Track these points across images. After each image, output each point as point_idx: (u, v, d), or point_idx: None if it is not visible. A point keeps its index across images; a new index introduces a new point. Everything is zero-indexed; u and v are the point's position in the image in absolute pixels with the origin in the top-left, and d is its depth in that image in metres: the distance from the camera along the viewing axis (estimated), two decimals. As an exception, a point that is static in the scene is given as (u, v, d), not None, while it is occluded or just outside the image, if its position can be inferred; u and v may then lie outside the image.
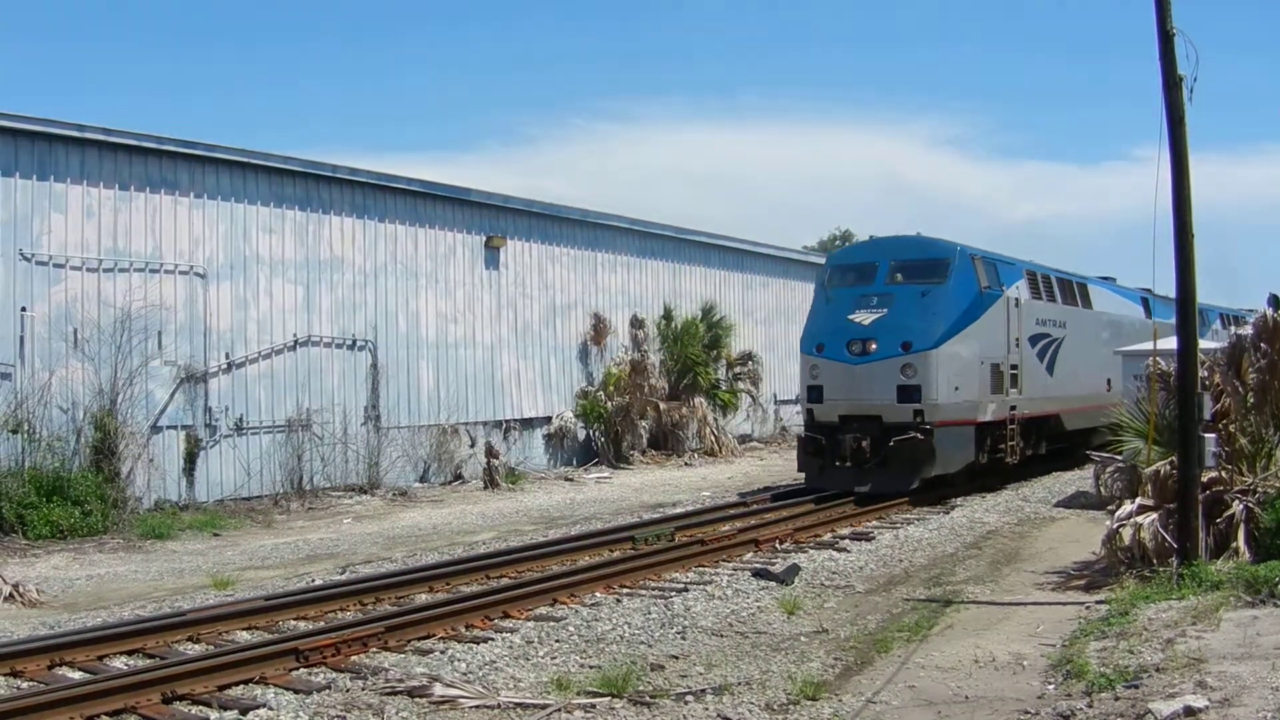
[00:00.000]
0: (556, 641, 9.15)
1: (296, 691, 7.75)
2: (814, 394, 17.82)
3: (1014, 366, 19.10)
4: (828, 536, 14.47)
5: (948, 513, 16.56)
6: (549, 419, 24.90)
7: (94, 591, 11.99)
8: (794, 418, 33.38)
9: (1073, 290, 22.56)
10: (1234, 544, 10.46)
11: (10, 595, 11.23)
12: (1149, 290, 26.09)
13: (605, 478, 23.37)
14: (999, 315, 18.66)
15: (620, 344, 26.79)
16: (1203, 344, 11.00)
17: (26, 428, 15.65)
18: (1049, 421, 20.89)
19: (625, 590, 11.17)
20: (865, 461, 17.06)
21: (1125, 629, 8.52)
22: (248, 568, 13.27)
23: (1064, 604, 10.26)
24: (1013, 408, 19.09)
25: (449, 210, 22.96)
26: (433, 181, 22.67)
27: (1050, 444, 21.08)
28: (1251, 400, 11.58)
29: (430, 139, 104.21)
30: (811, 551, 13.43)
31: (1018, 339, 19.30)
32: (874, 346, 17.19)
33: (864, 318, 17.41)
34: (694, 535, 14.17)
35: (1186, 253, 10.29)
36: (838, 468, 17.37)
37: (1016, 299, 19.32)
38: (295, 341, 19.68)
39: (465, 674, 8.15)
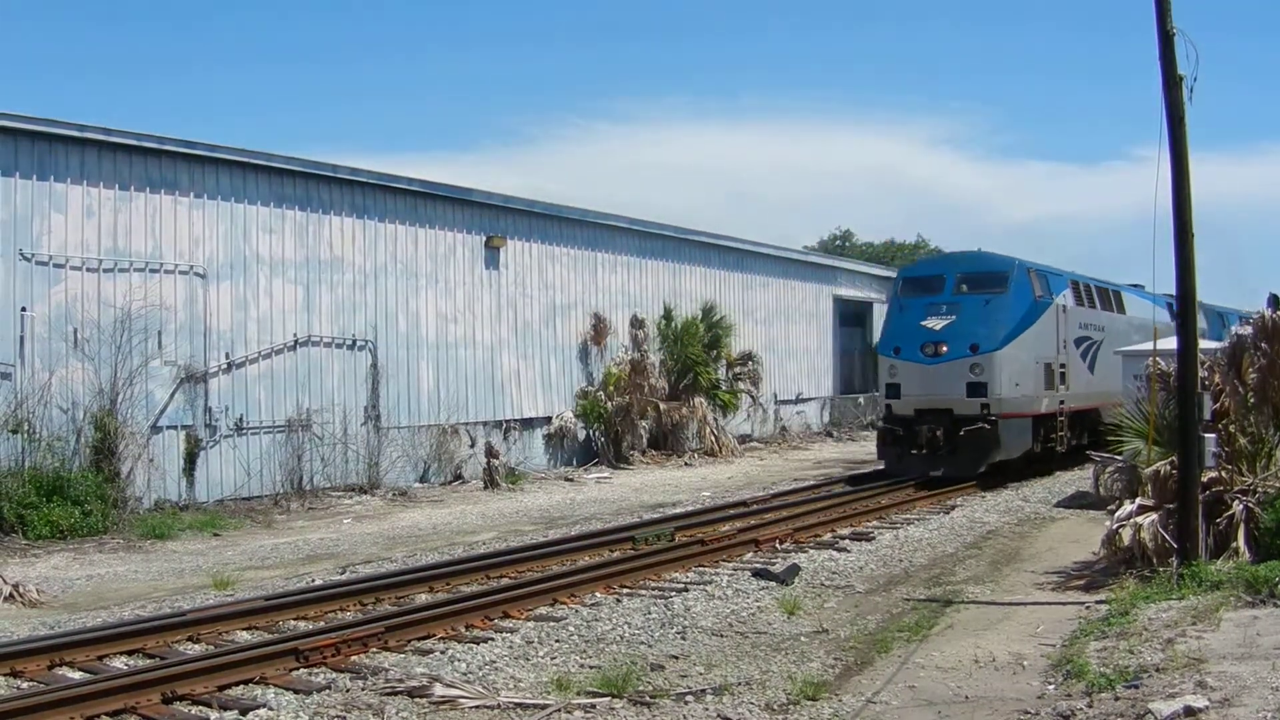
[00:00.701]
0: (556, 641, 9.16)
1: (296, 691, 7.76)
2: (892, 391, 20.10)
3: (1062, 366, 21.33)
4: (828, 536, 14.48)
5: (948, 513, 16.59)
6: (549, 419, 24.89)
7: (94, 591, 11.99)
8: (794, 418, 33.45)
9: (1109, 297, 24.78)
10: (1234, 544, 10.46)
11: (10, 595, 11.22)
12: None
13: (605, 478, 23.36)
14: (1050, 321, 20.97)
15: (620, 344, 26.78)
16: (1203, 344, 11.02)
17: (26, 428, 15.63)
18: (1090, 414, 22.56)
19: (625, 590, 11.17)
20: (939, 449, 19.23)
21: (1125, 629, 8.52)
22: (248, 568, 13.26)
23: (1064, 604, 10.26)
24: (1061, 402, 21.29)
25: (449, 210, 22.95)
26: (433, 181, 22.66)
27: (1090, 435, 22.29)
28: (1252, 400, 11.58)
29: (430, 139, 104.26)
30: (811, 551, 13.43)
31: (1065, 341, 21.54)
32: (945, 349, 19.50)
33: (935, 324, 19.71)
34: (694, 535, 14.18)
35: (1186, 252, 10.30)
36: (913, 455, 19.53)
37: (1064, 306, 21.66)
38: (295, 341, 19.67)
39: (465, 674, 8.15)
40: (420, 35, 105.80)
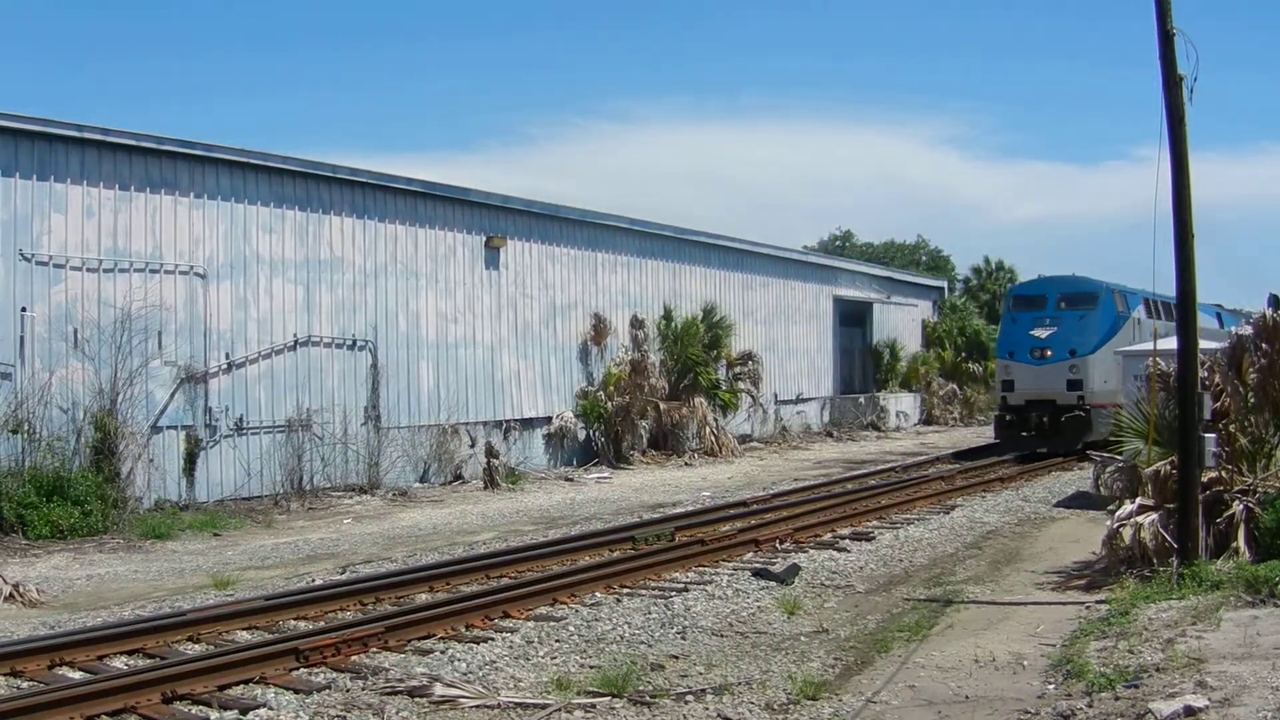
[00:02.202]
0: (556, 641, 9.16)
1: (297, 691, 7.76)
2: (1007, 386, 25.01)
3: None
4: (828, 536, 14.47)
5: (948, 513, 16.60)
6: (549, 419, 24.88)
7: (94, 591, 11.99)
8: (794, 418, 33.46)
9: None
10: (1234, 544, 10.47)
11: (10, 595, 11.22)
12: (1220, 305, 32.19)
13: (605, 478, 23.36)
14: (1129, 331, 24.91)
15: (620, 344, 26.77)
16: (1203, 344, 11.02)
17: (26, 428, 15.62)
18: None
19: (625, 590, 11.17)
20: (1044, 431, 23.94)
21: (1125, 629, 8.52)
22: (248, 568, 13.26)
23: (1064, 604, 10.26)
24: None
25: (449, 210, 22.94)
26: (433, 181, 22.65)
27: None
28: (1252, 400, 11.58)
29: (430, 139, 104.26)
30: (811, 551, 13.43)
31: None
32: (1049, 353, 24.19)
33: (1041, 333, 24.50)
34: (694, 535, 14.17)
35: (1187, 252, 10.30)
36: (1023, 436, 24.44)
37: (1138, 319, 25.74)
38: (295, 341, 19.66)
39: (465, 674, 8.15)
40: (421, 36, 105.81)
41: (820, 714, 7.20)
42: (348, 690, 7.76)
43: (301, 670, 8.24)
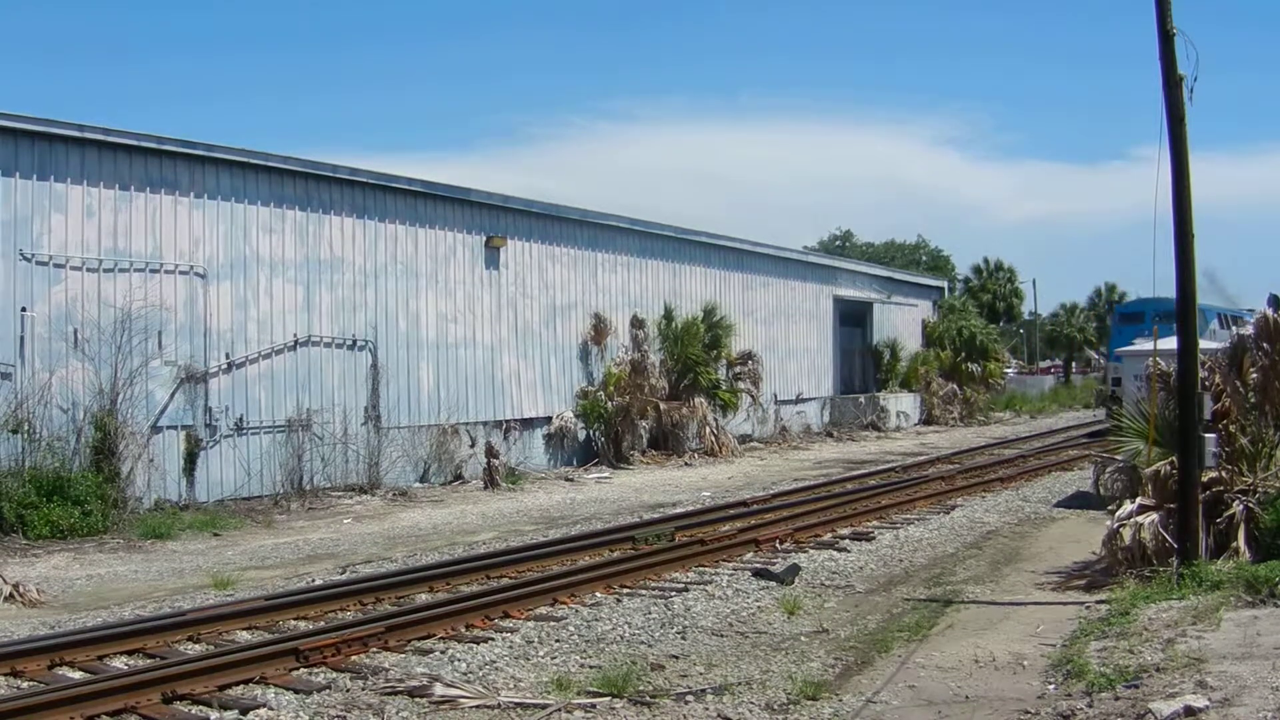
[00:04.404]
0: (557, 641, 9.16)
1: (297, 691, 7.76)
2: (1115, 382, 29.83)
3: None
4: (828, 536, 14.48)
5: (948, 513, 16.61)
6: (549, 419, 24.88)
7: (94, 591, 11.99)
8: (794, 418, 33.47)
9: (1239, 322, 35.00)
10: (1234, 544, 10.46)
11: (10, 595, 11.22)
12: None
13: (605, 478, 23.36)
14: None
15: (620, 344, 26.78)
16: (1203, 344, 11.01)
17: (26, 428, 15.62)
18: None
19: (625, 590, 11.17)
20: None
21: (1125, 629, 8.52)
22: (248, 568, 13.27)
23: (1064, 604, 10.26)
24: None
25: (449, 210, 22.94)
26: (433, 181, 22.66)
27: None
28: (1252, 400, 11.58)
29: (430, 139, 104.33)
30: (811, 551, 13.43)
31: None
32: None
33: (1140, 344, 29.53)
34: (694, 535, 14.18)
35: (1186, 253, 10.29)
36: None
37: (1214, 329, 30.71)
38: (295, 341, 19.67)
39: (465, 674, 8.16)
40: (423, 37, 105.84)
41: (820, 714, 7.20)
42: (348, 690, 7.76)
43: (301, 670, 8.25)
